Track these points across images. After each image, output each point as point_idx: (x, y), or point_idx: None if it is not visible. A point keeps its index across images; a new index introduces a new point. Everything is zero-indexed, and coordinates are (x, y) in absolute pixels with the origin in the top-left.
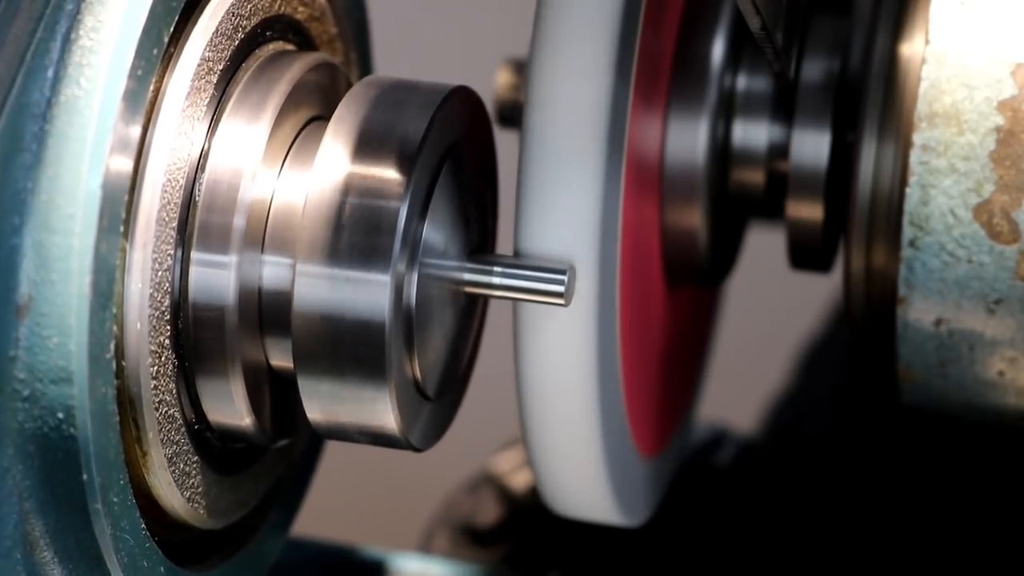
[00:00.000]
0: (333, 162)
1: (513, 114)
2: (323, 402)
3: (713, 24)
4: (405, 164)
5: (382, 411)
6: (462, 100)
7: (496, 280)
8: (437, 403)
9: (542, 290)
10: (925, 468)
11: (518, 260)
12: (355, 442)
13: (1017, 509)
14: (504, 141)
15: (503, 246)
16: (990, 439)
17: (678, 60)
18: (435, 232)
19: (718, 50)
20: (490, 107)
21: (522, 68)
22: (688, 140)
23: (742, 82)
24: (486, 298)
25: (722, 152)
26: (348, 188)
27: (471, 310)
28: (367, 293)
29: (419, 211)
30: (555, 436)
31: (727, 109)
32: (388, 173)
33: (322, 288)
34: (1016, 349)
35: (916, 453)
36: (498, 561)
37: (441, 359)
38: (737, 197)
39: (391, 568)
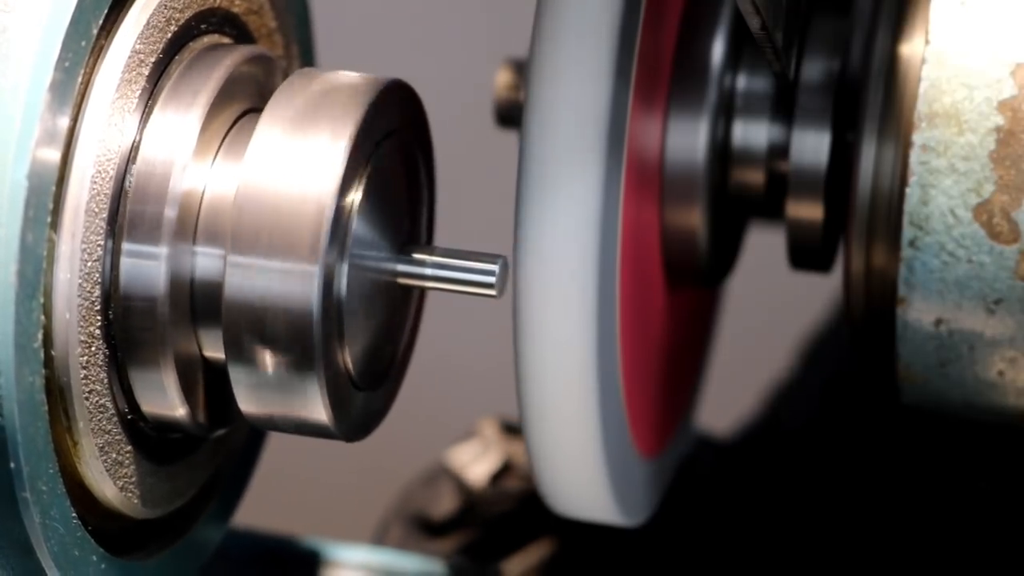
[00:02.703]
0: (264, 153)
1: (513, 114)
2: (254, 393)
3: (713, 24)
4: (336, 156)
5: (312, 402)
6: (396, 93)
7: (428, 271)
8: (370, 394)
9: (474, 281)
10: (915, 466)
11: (451, 251)
12: (288, 433)
13: (1009, 507)
14: (504, 141)
15: (503, 246)
16: (981, 437)
17: (678, 60)
18: (366, 224)
19: (718, 50)
20: (490, 107)
21: (522, 68)
22: (688, 140)
23: (742, 82)
24: (422, 290)
25: (722, 152)
26: (278, 179)
27: (406, 301)
28: (296, 284)
29: (350, 203)
30: (555, 436)
31: (727, 109)
32: (319, 165)
33: (251, 279)
34: (1016, 349)
35: (904, 451)
36: (451, 552)
37: (374, 350)
38: (737, 197)
39: (333, 558)
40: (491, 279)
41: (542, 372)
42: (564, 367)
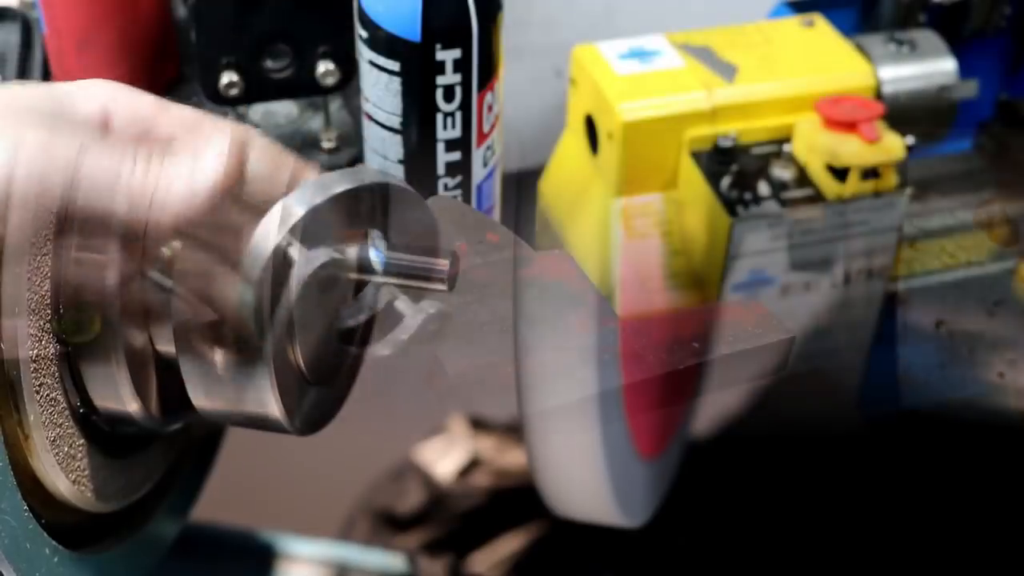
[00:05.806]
0: None
1: None
2: (206, 388)
3: None
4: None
5: (263, 397)
6: None
7: (380, 267)
8: (323, 389)
9: (426, 276)
10: (911, 469)
11: (402, 247)
12: (241, 427)
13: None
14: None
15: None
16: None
17: None
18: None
19: None
20: None
21: None
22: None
23: None
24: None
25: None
26: None
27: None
28: (246, 279)
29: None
30: (556, 438)
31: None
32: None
33: (201, 275)
34: (1016, 351)
35: (899, 453)
36: (418, 547)
37: (327, 345)
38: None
39: (293, 552)
40: (442, 274)
41: (543, 374)
42: (564, 368)
